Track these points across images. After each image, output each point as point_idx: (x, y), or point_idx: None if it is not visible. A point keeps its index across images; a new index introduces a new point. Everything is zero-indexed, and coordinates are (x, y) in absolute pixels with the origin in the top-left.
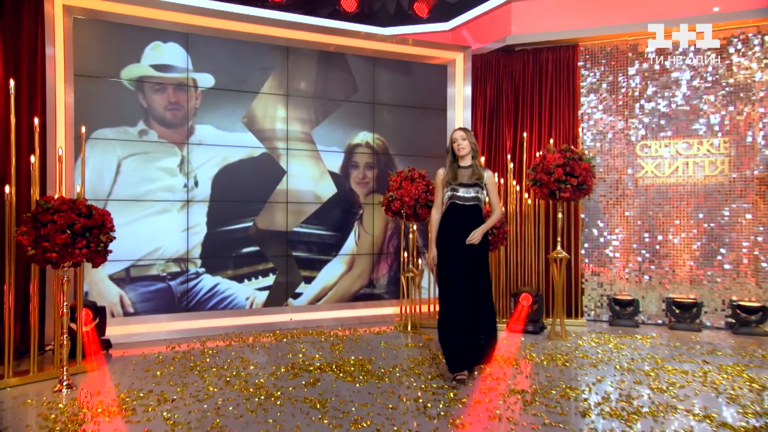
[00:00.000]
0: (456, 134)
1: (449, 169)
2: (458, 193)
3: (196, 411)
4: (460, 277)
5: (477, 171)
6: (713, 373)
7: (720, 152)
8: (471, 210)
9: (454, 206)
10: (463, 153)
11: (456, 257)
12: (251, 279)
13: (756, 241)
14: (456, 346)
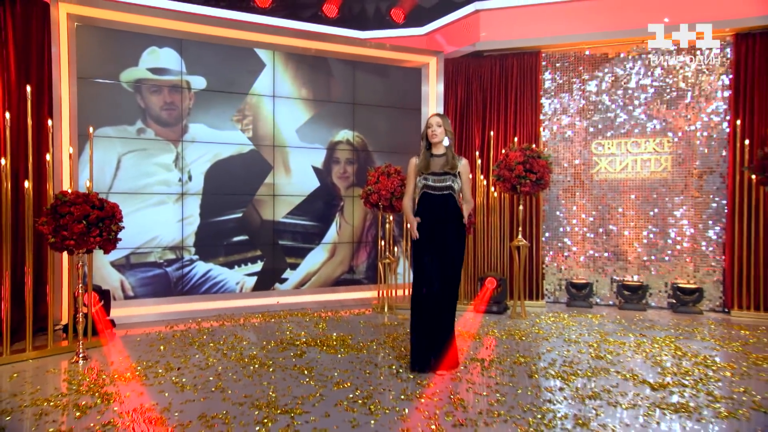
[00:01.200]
0: (431, 120)
1: (422, 158)
2: (430, 182)
3: (199, 377)
4: (433, 270)
5: (451, 160)
6: (646, 344)
7: (664, 151)
8: (443, 199)
9: (426, 196)
10: (436, 140)
11: (429, 250)
12: (241, 265)
13: (694, 231)
14: (421, 347)
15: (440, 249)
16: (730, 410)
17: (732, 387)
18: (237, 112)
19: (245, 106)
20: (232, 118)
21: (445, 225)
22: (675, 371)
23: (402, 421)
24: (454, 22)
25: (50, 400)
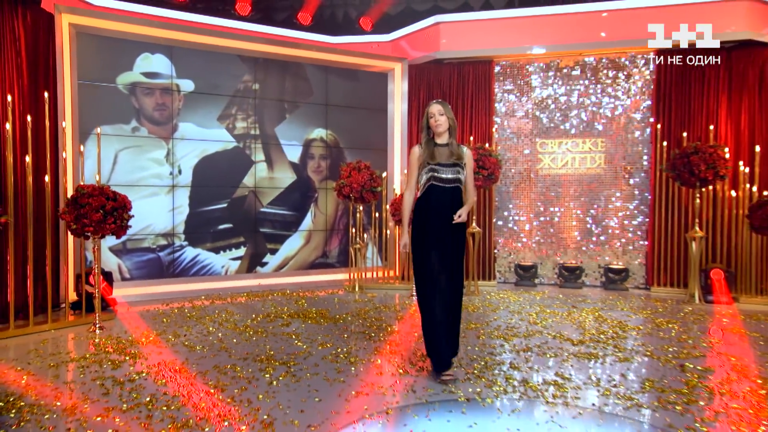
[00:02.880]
0: (432, 108)
1: (425, 148)
2: (439, 174)
3: (205, 341)
4: (443, 265)
5: (456, 150)
6: (575, 314)
7: (598, 150)
8: (452, 192)
9: (434, 189)
10: (440, 130)
11: (438, 244)
12: (226, 251)
13: (622, 219)
14: (440, 345)
15: (448, 244)
16: (628, 356)
17: (634, 342)
18: (222, 112)
19: (229, 107)
20: (218, 117)
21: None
22: (593, 332)
23: (375, 367)
24: (417, 31)
25: (86, 357)
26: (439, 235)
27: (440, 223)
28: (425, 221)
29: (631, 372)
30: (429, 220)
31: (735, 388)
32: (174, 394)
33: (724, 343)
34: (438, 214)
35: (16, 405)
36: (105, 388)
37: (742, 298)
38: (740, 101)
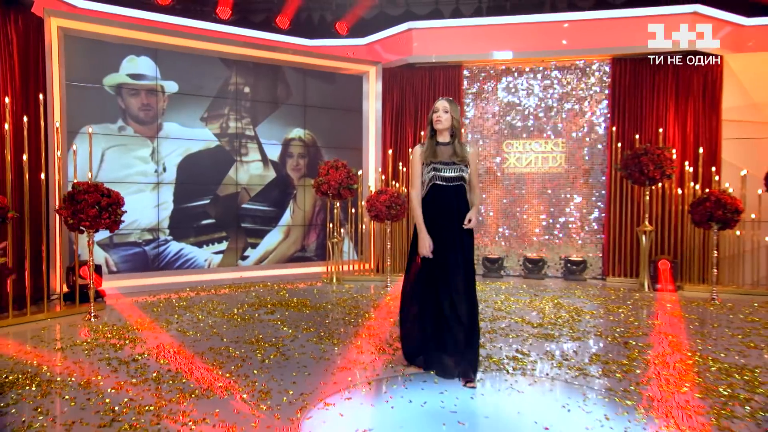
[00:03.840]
0: (438, 104)
1: (428, 146)
2: (441, 173)
3: (196, 327)
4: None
5: (460, 151)
6: (536, 301)
7: (559, 150)
8: (455, 191)
9: (437, 188)
10: (441, 127)
11: (442, 244)
12: (209, 245)
13: (581, 215)
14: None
15: (457, 246)
16: (580, 336)
17: (587, 324)
18: (205, 112)
19: (212, 107)
20: (201, 117)
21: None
22: (552, 317)
23: (356, 348)
24: (390, 36)
25: (88, 341)
26: (446, 236)
27: (445, 224)
28: (431, 222)
29: (582, 348)
30: (435, 221)
31: (668, 360)
32: (177, 370)
33: (664, 324)
34: (442, 214)
35: (35, 380)
36: (112, 366)
37: (686, 286)
38: (686, 106)
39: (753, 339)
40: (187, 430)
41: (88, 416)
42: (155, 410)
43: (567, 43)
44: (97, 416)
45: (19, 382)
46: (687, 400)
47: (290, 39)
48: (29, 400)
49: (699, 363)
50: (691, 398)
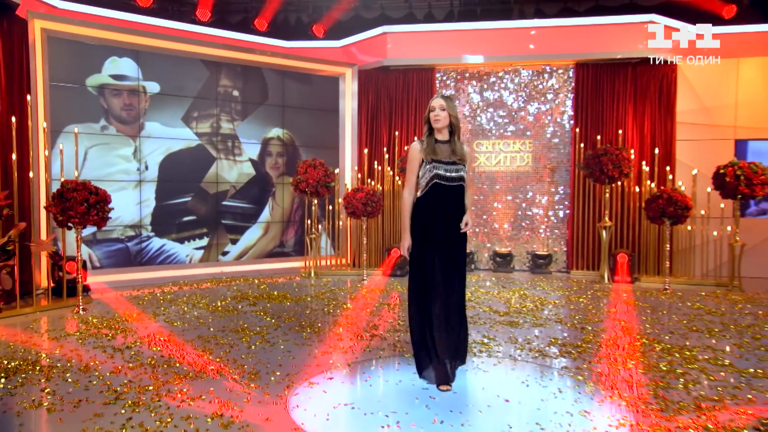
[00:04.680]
0: (435, 102)
1: (427, 144)
2: (441, 171)
3: (183, 319)
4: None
5: (459, 150)
6: (504, 292)
7: (526, 150)
8: (456, 191)
9: (438, 187)
10: (439, 125)
11: (441, 246)
12: (190, 241)
13: (547, 211)
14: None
15: (453, 247)
16: (542, 323)
17: (549, 313)
18: (186, 112)
19: (193, 108)
20: (182, 117)
21: (456, 219)
22: (517, 306)
23: (336, 335)
24: (366, 39)
25: (81, 331)
26: (445, 238)
27: (447, 225)
28: (430, 223)
29: (543, 333)
30: (434, 222)
31: (619, 342)
32: (169, 356)
33: (619, 311)
34: (444, 215)
35: (37, 366)
36: (108, 353)
37: (643, 277)
38: (644, 110)
39: (696, 324)
40: (186, 405)
41: (93, 395)
42: (154, 389)
43: (534, 48)
44: (101, 395)
45: (22, 368)
46: (631, 375)
47: (268, 41)
48: (35, 382)
49: (645, 344)
50: (634, 373)
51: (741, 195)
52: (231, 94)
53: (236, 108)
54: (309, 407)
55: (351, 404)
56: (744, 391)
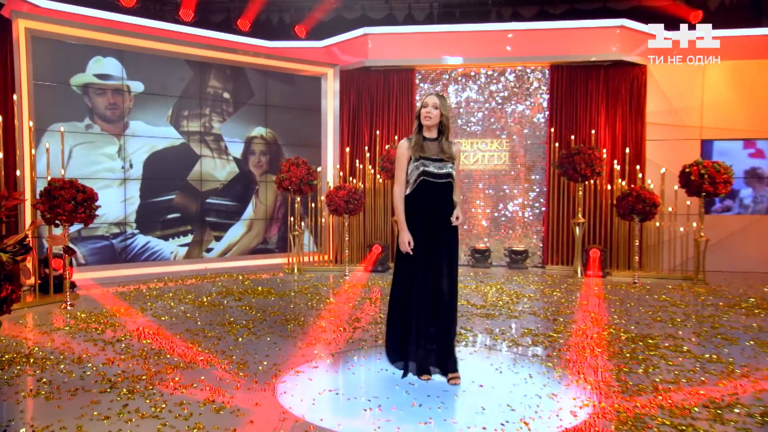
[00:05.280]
0: (428, 99)
1: (415, 141)
2: (429, 168)
3: (170, 313)
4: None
5: (447, 148)
6: (481, 287)
7: (503, 149)
8: (444, 188)
9: (426, 184)
10: (429, 123)
11: (429, 242)
12: (174, 238)
13: (524, 208)
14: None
15: (443, 245)
16: (516, 315)
17: (523, 306)
18: (170, 111)
19: (177, 107)
20: (166, 116)
21: (445, 216)
22: (494, 300)
23: (320, 327)
24: (347, 40)
25: (71, 326)
26: (433, 234)
27: (434, 221)
28: (418, 220)
29: (517, 324)
30: (422, 219)
31: (588, 332)
32: (160, 348)
33: (590, 303)
34: (431, 212)
35: (31, 358)
36: (99, 346)
37: (614, 271)
38: (615, 110)
39: (660, 315)
40: (178, 393)
41: (89, 384)
42: (147, 379)
43: (511, 50)
44: (97, 384)
45: (16, 360)
46: (597, 362)
47: (251, 41)
48: (30, 374)
49: (612, 333)
50: (600, 360)
51: (705, 193)
52: (215, 94)
53: (220, 107)
54: (296, 393)
55: (335, 390)
56: (698, 374)
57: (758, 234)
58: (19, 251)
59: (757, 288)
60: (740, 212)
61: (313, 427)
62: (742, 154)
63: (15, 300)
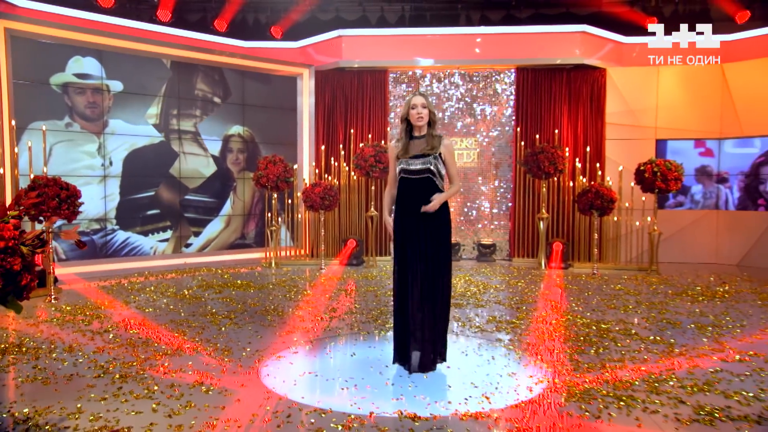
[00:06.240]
0: (416, 99)
1: (403, 143)
2: (408, 166)
3: (153, 306)
4: (417, 258)
5: (431, 141)
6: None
7: (473, 147)
8: (423, 183)
9: (404, 181)
10: (421, 123)
11: (411, 237)
12: (154, 233)
13: (492, 204)
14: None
15: (422, 237)
16: (483, 304)
17: (489, 295)
18: (149, 110)
19: (156, 106)
20: (145, 115)
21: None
22: (462, 290)
23: (299, 317)
24: (322, 41)
25: (57, 318)
26: (412, 228)
27: (411, 216)
28: (400, 217)
29: (483, 312)
30: (401, 213)
31: (548, 318)
32: (147, 337)
33: (551, 293)
34: (409, 207)
35: (23, 347)
36: (88, 336)
37: (575, 263)
38: (577, 111)
39: (614, 302)
40: (168, 377)
41: (82, 371)
42: (138, 365)
43: (480, 52)
44: (90, 371)
45: (9, 349)
46: (553, 344)
47: (228, 41)
48: (25, 361)
49: (569, 320)
50: (556, 343)
51: (658, 189)
52: (193, 93)
53: (198, 106)
54: (278, 375)
55: (314, 373)
56: (642, 353)
57: (707, 227)
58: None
59: (704, 277)
60: (691, 207)
61: (295, 404)
62: (693, 153)
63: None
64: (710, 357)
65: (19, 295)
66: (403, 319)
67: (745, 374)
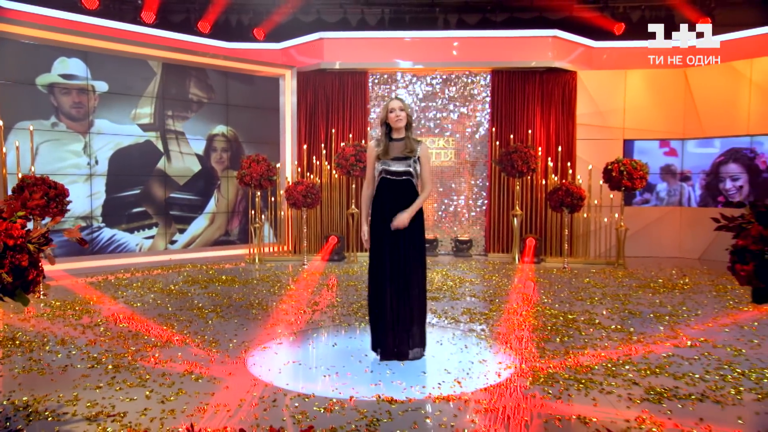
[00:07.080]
0: (394, 103)
1: (384, 145)
2: (390, 167)
3: (141, 301)
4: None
5: (410, 144)
6: (429, 273)
7: (450, 146)
8: (403, 185)
9: (386, 181)
10: (400, 125)
11: (388, 236)
12: (139, 231)
13: (467, 201)
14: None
15: (399, 237)
16: (458, 297)
17: (464, 289)
18: (134, 110)
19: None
20: (130, 115)
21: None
22: (439, 284)
23: (283, 310)
24: (304, 43)
25: (47, 313)
26: (385, 230)
27: (389, 213)
28: (378, 214)
29: (458, 305)
30: (380, 212)
31: (518, 310)
32: (137, 330)
33: (522, 286)
34: (388, 207)
35: (15, 341)
36: (79, 330)
37: (548, 258)
38: (550, 112)
39: (582, 294)
40: (159, 367)
41: (76, 362)
42: (130, 356)
43: (457, 55)
44: (84, 362)
45: (3, 342)
46: (522, 333)
47: (212, 42)
48: (19, 354)
49: (539, 311)
50: (525, 332)
51: (624, 187)
52: (177, 93)
53: (182, 106)
54: (264, 365)
55: (298, 362)
56: (603, 341)
57: (671, 223)
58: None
59: (667, 271)
60: (657, 204)
61: (280, 390)
62: (659, 152)
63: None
64: (664, 343)
65: (26, 288)
66: (379, 311)
67: (694, 358)
